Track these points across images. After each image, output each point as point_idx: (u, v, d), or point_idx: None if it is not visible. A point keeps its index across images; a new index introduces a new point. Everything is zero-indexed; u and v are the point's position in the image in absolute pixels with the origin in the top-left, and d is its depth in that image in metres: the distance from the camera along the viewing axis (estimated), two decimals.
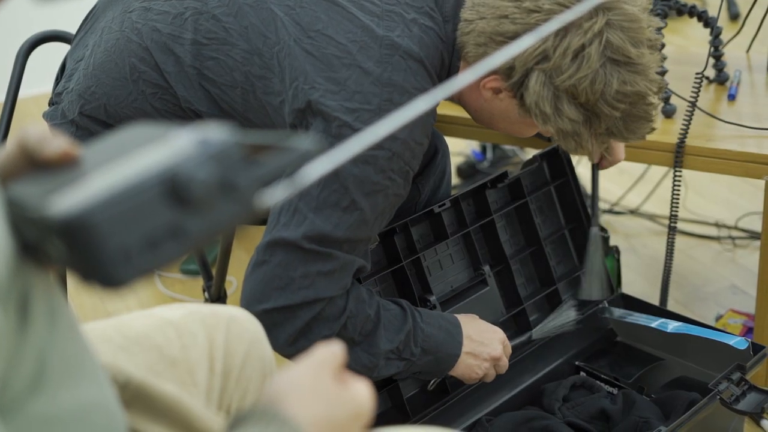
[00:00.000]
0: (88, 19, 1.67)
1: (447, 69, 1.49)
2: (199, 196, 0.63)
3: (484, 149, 3.06)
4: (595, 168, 1.84)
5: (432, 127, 1.49)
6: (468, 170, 3.01)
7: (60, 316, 0.69)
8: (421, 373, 1.60)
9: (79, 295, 2.53)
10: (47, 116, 1.65)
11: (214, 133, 0.66)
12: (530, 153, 2.74)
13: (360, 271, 1.47)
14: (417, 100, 0.79)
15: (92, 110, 1.55)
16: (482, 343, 1.62)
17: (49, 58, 2.18)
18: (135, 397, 0.98)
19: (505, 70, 1.40)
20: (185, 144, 0.65)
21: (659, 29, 1.45)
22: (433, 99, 0.80)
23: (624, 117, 1.40)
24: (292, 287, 1.40)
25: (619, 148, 1.78)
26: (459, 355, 1.59)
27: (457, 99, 1.56)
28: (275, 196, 0.67)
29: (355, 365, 1.48)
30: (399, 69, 1.39)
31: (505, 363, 1.67)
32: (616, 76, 1.36)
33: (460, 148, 3.11)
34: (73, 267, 0.64)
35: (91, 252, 0.61)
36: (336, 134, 1.36)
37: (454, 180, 2.95)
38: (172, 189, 0.63)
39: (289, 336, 1.42)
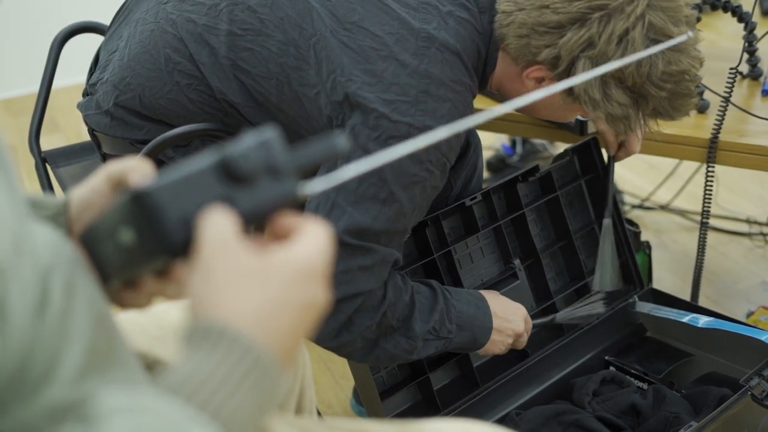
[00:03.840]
0: (122, 11, 1.68)
1: (484, 61, 1.48)
2: (247, 172, 0.71)
3: (513, 143, 3.06)
4: (612, 160, 1.86)
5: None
6: (497, 164, 3.01)
7: (85, 300, 0.69)
8: (457, 349, 1.61)
9: None
10: (82, 107, 1.66)
11: (261, 129, 0.74)
12: (560, 147, 2.74)
13: (395, 263, 1.48)
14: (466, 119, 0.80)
15: (127, 101, 1.56)
16: (507, 320, 1.64)
17: (79, 50, 2.20)
18: None
19: (551, 60, 1.40)
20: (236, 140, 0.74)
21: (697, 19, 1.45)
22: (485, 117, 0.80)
23: (669, 96, 1.41)
24: (333, 283, 1.40)
25: (634, 139, 1.81)
26: (492, 328, 1.60)
27: (496, 89, 1.56)
28: (314, 186, 0.74)
29: (395, 350, 1.50)
30: (436, 61, 1.39)
31: (525, 339, 1.69)
32: (660, 56, 1.37)
33: (489, 142, 3.11)
34: (137, 246, 0.73)
35: (156, 218, 0.70)
36: (374, 126, 1.36)
37: (484, 174, 2.95)
38: (223, 167, 0.72)
39: (333, 330, 1.43)
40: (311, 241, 0.72)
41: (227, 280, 0.69)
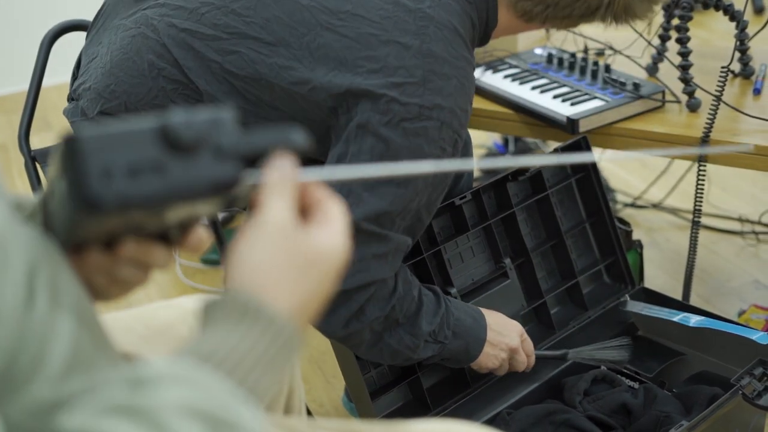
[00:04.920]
0: (99, 16, 1.67)
1: (482, 28, 1.52)
2: (186, 141, 0.69)
3: (506, 142, 3.06)
4: None
5: (473, 95, 1.50)
6: None
7: (69, 299, 0.69)
8: (449, 359, 1.61)
9: None
10: (68, 113, 1.65)
11: (219, 107, 0.73)
12: (552, 146, 2.73)
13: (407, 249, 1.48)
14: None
15: (112, 108, 1.55)
16: (500, 333, 1.64)
17: (71, 48, 2.19)
18: None
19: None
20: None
21: (684, 20, 1.48)
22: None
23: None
24: (349, 271, 1.40)
25: None
26: (485, 340, 1.60)
27: (495, 38, 1.61)
28: (256, 176, 0.73)
29: (398, 346, 1.51)
30: (436, 39, 1.40)
31: (522, 358, 1.68)
32: None
33: (482, 141, 3.11)
34: (65, 200, 0.69)
35: (77, 165, 0.67)
36: (384, 110, 1.37)
37: (475, 173, 2.94)
38: (163, 131, 0.69)
39: (344, 319, 1.43)
40: (339, 230, 0.76)
41: (281, 264, 0.71)
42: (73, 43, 2.05)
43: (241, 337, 0.69)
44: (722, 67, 1.88)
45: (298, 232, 0.73)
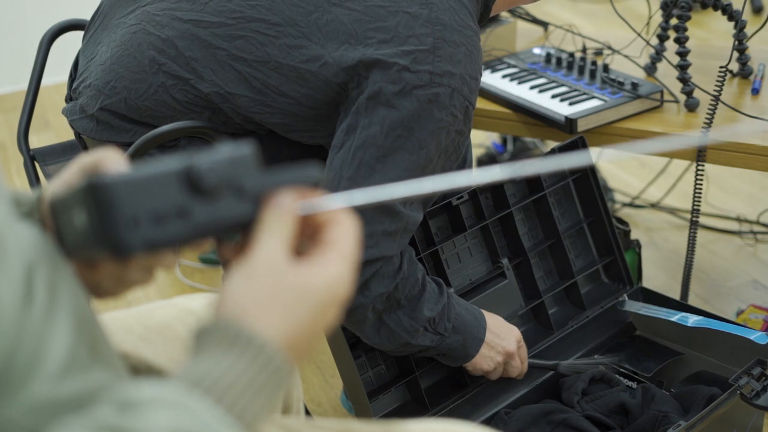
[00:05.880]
0: (96, 17, 1.67)
1: (483, 0, 1.53)
2: (209, 185, 0.70)
3: (504, 141, 3.05)
4: None
5: (482, 66, 1.51)
6: (488, 162, 3.00)
7: (67, 298, 0.69)
8: (445, 356, 1.61)
9: None
10: (66, 112, 1.65)
11: (239, 145, 0.74)
12: (550, 145, 2.73)
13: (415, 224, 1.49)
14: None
15: (112, 104, 1.55)
16: (499, 336, 1.64)
17: (71, 47, 2.20)
18: None
19: None
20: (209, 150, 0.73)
21: (683, 20, 1.46)
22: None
23: None
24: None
25: None
26: (483, 340, 1.61)
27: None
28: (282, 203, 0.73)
29: (396, 328, 1.51)
30: (443, 8, 1.42)
31: (517, 364, 1.69)
32: None
33: (480, 140, 3.11)
34: (87, 235, 0.71)
35: (105, 212, 0.69)
36: (395, 79, 1.38)
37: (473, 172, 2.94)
38: (187, 176, 0.70)
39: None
40: (337, 262, 0.75)
41: (270, 297, 0.71)
42: (73, 42, 2.05)
43: (231, 364, 0.69)
44: (720, 67, 1.88)
45: (289, 270, 0.72)
